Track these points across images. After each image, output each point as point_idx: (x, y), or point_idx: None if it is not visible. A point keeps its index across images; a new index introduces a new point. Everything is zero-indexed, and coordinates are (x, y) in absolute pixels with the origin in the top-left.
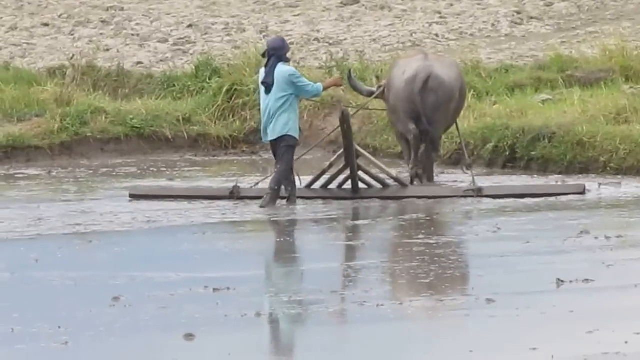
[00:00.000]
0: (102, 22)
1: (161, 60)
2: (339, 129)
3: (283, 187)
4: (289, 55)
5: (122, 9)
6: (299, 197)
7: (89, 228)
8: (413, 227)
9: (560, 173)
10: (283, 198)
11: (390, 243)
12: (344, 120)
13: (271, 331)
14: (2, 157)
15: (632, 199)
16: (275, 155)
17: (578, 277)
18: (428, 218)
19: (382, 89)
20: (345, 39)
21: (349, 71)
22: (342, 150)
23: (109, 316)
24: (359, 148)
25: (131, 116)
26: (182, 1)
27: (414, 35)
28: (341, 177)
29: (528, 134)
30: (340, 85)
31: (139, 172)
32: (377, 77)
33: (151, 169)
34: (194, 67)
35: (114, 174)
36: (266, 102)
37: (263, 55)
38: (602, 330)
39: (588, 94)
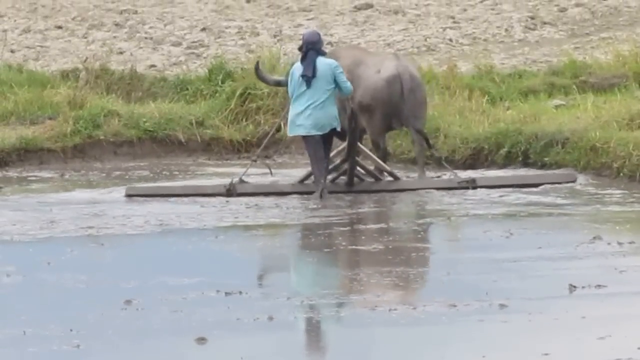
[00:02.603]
0: (115, 25)
1: (174, 64)
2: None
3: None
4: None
5: (135, 12)
6: (294, 193)
7: (101, 231)
8: (425, 231)
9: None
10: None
11: (402, 247)
12: (353, 118)
13: (283, 335)
14: (14, 159)
15: None
16: (312, 145)
17: (590, 283)
18: (440, 222)
19: None
20: (359, 44)
21: (257, 62)
22: (342, 147)
23: (121, 319)
24: (361, 146)
25: (144, 119)
26: (196, 5)
27: (427, 40)
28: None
29: (541, 139)
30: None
31: (151, 175)
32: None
33: (164, 172)
34: (207, 71)
35: (127, 177)
36: (307, 95)
37: (300, 49)
38: (614, 336)
39: (601, 99)
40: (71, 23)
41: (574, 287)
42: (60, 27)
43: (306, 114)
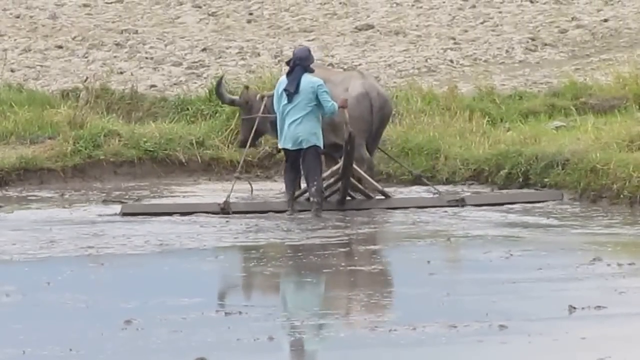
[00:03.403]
0: (116, 45)
1: (175, 84)
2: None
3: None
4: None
5: (136, 32)
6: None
7: (101, 251)
8: (425, 252)
9: (573, 200)
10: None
11: (402, 268)
12: (350, 141)
13: (283, 356)
14: (14, 179)
15: None
16: (290, 161)
17: (590, 304)
18: (440, 243)
19: (264, 98)
20: (359, 64)
21: (221, 78)
22: (336, 167)
23: (120, 339)
24: (356, 167)
25: (144, 139)
26: (197, 25)
27: (428, 60)
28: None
29: (541, 160)
30: (345, 107)
31: (151, 195)
32: (246, 87)
33: (164, 192)
34: (207, 91)
35: (127, 197)
36: (288, 110)
37: (287, 64)
38: (613, 358)
39: (602, 121)
40: (71, 43)
41: (574, 308)
42: (60, 47)
43: (286, 129)
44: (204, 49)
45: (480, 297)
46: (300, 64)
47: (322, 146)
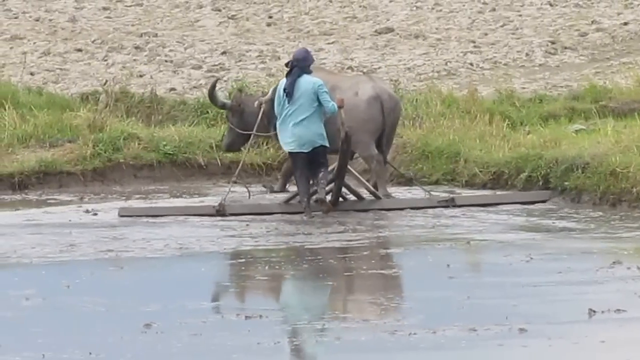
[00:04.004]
0: (135, 48)
1: (195, 87)
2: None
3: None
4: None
5: (156, 35)
6: (281, 213)
7: (121, 254)
8: (445, 256)
9: (593, 203)
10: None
11: (422, 271)
12: (346, 141)
13: None
14: (34, 182)
15: None
16: (299, 164)
17: (610, 308)
18: (460, 246)
19: (262, 105)
20: (379, 68)
21: (215, 81)
22: (331, 167)
23: (140, 343)
24: (350, 168)
25: (164, 142)
26: (217, 28)
27: (448, 64)
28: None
29: (561, 164)
30: (342, 107)
31: (171, 198)
32: (240, 90)
33: (183, 195)
34: (227, 94)
35: (147, 200)
36: (289, 112)
37: (286, 65)
38: None
39: (622, 124)
40: (91, 46)
41: (594, 311)
42: (80, 50)
43: (289, 131)
44: (223, 52)
45: (501, 300)
46: (297, 65)
47: (327, 145)
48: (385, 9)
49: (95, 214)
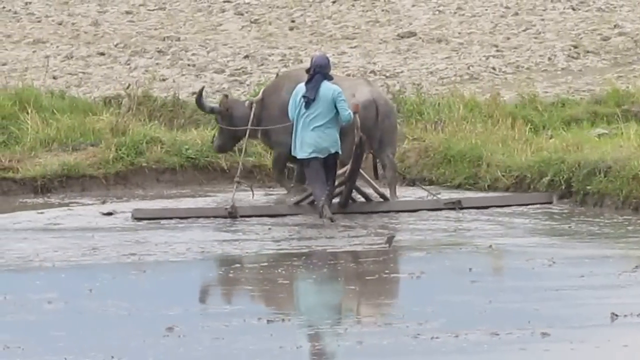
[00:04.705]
0: (158, 52)
1: (217, 91)
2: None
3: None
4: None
5: (178, 39)
6: (290, 214)
7: (143, 258)
8: (467, 259)
9: (616, 208)
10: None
11: (444, 275)
12: (360, 145)
13: None
14: (57, 186)
15: None
16: (312, 169)
17: (633, 312)
18: (482, 250)
19: (253, 105)
20: (402, 72)
21: (201, 89)
22: (341, 171)
23: (162, 346)
24: (361, 172)
25: (186, 146)
26: (239, 32)
27: (470, 68)
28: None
29: (584, 168)
30: (357, 112)
31: (193, 202)
32: (226, 96)
33: (206, 199)
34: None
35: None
36: (308, 118)
37: (307, 71)
38: None
39: None
40: (114, 50)
41: (616, 315)
42: (102, 54)
43: (307, 137)
44: (246, 56)
45: (523, 304)
46: (320, 72)
47: (340, 152)
48: (407, 13)
49: (111, 214)
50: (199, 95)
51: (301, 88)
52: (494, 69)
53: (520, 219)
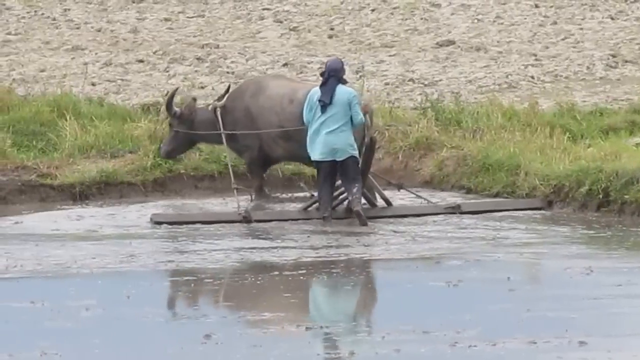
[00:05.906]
0: (197, 59)
1: None
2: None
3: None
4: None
5: (217, 47)
6: (301, 219)
7: (181, 265)
8: (503, 268)
9: None
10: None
11: (482, 284)
12: (371, 146)
13: None
14: (95, 192)
15: None
16: (324, 173)
17: None
18: (520, 259)
19: (217, 110)
20: (440, 80)
21: (174, 90)
22: None
23: (200, 354)
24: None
25: (225, 154)
26: (278, 40)
27: (509, 77)
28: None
29: (622, 177)
30: (367, 112)
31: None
32: (194, 99)
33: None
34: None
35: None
36: (322, 121)
37: (321, 75)
38: None
39: None
40: (152, 57)
41: None
42: (141, 61)
43: (321, 139)
44: (285, 64)
45: (560, 313)
46: (334, 75)
47: (358, 156)
48: (446, 21)
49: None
50: (171, 97)
51: (315, 91)
52: (532, 77)
53: (558, 227)
